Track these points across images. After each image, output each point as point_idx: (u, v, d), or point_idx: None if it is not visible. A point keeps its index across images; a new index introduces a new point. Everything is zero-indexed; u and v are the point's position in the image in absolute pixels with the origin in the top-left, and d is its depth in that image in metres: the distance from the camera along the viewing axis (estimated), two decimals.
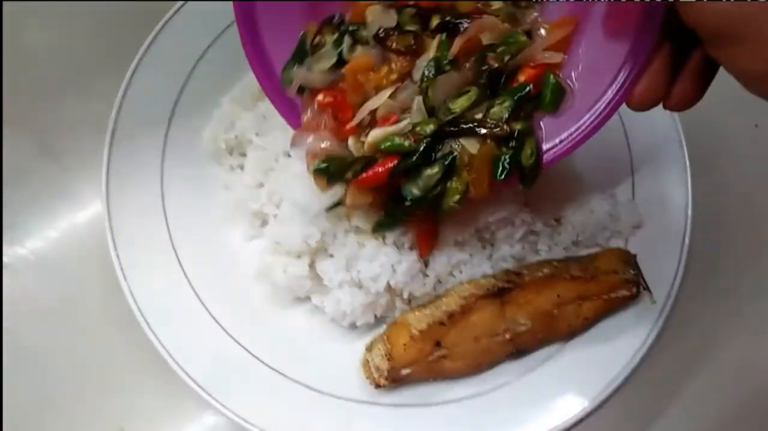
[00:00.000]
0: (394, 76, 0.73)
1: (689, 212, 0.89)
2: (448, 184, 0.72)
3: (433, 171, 0.71)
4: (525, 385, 0.83)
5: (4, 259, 0.97)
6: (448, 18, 0.71)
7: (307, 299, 0.88)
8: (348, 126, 0.74)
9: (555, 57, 0.70)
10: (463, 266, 0.86)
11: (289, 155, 0.87)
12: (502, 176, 0.71)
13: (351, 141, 0.73)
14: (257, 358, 0.84)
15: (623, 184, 0.92)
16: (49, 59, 1.09)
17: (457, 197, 0.72)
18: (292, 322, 0.88)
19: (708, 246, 0.97)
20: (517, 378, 0.83)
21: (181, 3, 0.96)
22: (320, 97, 0.74)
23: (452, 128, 0.71)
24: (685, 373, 0.94)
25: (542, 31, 0.71)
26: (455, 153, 0.71)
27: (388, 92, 0.72)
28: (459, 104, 0.71)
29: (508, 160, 0.71)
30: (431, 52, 0.71)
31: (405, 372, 0.80)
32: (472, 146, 0.70)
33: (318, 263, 0.85)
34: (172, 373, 0.80)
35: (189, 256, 0.88)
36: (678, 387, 0.93)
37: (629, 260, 0.85)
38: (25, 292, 0.96)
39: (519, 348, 0.82)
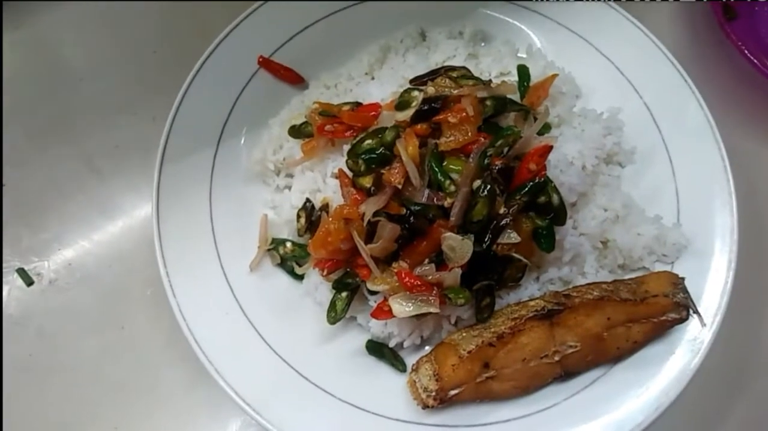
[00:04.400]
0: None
1: (735, 236, 0.88)
2: (506, 274, 0.83)
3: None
4: (572, 407, 0.82)
5: (50, 274, 0.99)
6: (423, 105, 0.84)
7: (353, 319, 0.89)
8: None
9: (548, 139, 0.83)
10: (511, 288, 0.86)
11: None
12: (548, 246, 0.82)
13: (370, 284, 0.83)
14: (305, 377, 0.84)
15: (669, 208, 0.92)
16: (99, 82, 1.11)
17: (518, 275, 0.84)
18: (338, 342, 0.89)
19: (753, 268, 0.96)
20: (565, 399, 0.83)
21: (228, 29, 0.98)
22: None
23: (488, 248, 0.80)
24: (732, 395, 0.94)
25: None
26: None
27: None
28: (479, 213, 0.80)
29: (545, 231, 0.82)
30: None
31: (453, 392, 0.80)
32: (513, 238, 0.79)
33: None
34: (220, 389, 0.81)
35: (237, 276, 0.90)
36: (725, 409, 0.93)
37: (679, 283, 0.85)
38: (66, 305, 0.97)
39: (567, 370, 0.82)
